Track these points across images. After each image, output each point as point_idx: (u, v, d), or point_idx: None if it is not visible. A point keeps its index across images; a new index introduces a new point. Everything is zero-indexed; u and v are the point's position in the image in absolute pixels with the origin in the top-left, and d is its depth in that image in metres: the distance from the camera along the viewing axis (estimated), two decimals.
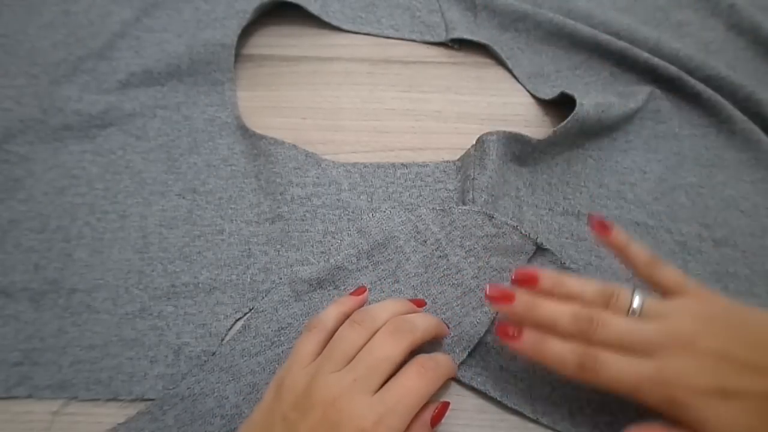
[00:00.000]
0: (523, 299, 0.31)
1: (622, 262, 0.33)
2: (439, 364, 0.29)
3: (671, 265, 0.32)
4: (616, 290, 0.30)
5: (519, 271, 0.32)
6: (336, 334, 0.30)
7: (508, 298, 0.31)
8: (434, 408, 0.29)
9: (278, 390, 0.29)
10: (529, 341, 0.30)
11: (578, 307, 0.30)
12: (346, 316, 0.32)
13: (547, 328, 0.30)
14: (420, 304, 0.35)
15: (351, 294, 0.34)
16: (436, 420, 0.29)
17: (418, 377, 0.28)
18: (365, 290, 0.35)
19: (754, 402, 0.27)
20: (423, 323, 0.31)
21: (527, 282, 0.32)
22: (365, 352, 0.29)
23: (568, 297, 0.31)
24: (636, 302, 0.30)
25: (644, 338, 0.29)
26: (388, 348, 0.28)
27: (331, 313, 0.32)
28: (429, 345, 0.32)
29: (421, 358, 0.29)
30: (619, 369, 0.28)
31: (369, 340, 0.29)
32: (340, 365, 0.28)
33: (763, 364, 0.27)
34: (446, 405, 0.30)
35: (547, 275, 0.32)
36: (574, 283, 0.31)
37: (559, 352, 0.30)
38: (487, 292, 0.32)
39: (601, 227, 0.33)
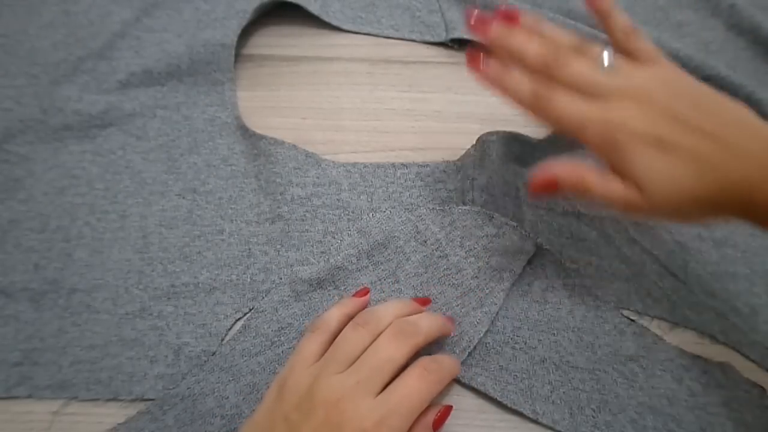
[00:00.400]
0: (498, 28, 0.32)
1: (604, 28, 0.33)
2: (442, 366, 0.29)
3: (649, 40, 0.32)
4: (590, 43, 0.32)
5: (503, 9, 0.33)
6: (339, 335, 0.30)
7: (485, 24, 0.32)
8: (437, 411, 0.29)
9: (280, 390, 0.28)
10: (493, 70, 0.32)
11: (549, 44, 0.31)
12: (349, 318, 0.32)
13: (515, 59, 0.31)
14: (425, 302, 0.35)
15: (354, 295, 0.34)
16: (438, 423, 0.29)
17: (421, 380, 0.28)
18: (368, 291, 0.35)
19: (684, 156, 0.28)
20: (427, 325, 0.31)
21: (509, 18, 0.32)
22: (368, 354, 0.29)
23: (543, 38, 0.32)
24: (605, 57, 0.31)
25: (601, 84, 0.30)
26: (392, 350, 0.28)
27: (334, 315, 0.32)
28: (430, 344, 0.32)
29: (425, 361, 0.29)
30: (570, 106, 0.30)
31: (372, 342, 0.29)
32: (343, 367, 0.28)
33: (704, 128, 0.28)
34: (449, 409, 0.30)
35: (528, 17, 0.33)
36: (552, 28, 0.32)
37: (519, 82, 0.31)
38: (465, 14, 0.32)
39: None
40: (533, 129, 0.44)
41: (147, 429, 0.32)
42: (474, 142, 0.41)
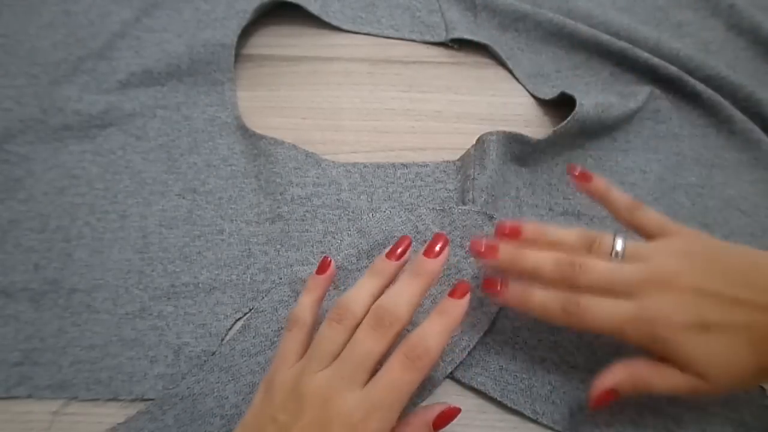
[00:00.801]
0: (506, 250, 0.32)
1: (605, 208, 0.34)
2: (428, 350, 0.27)
3: (652, 209, 0.32)
4: (598, 235, 0.31)
5: (502, 224, 0.33)
6: (318, 334, 0.29)
7: (492, 250, 0.32)
8: (440, 410, 0.28)
9: (267, 391, 0.28)
10: (514, 292, 0.31)
11: (561, 253, 0.31)
12: (320, 301, 0.32)
13: (531, 277, 0.31)
14: (397, 253, 0.31)
15: (316, 272, 0.32)
16: (439, 424, 0.28)
17: (403, 369, 0.27)
18: (330, 263, 0.33)
19: (733, 334, 0.27)
20: (406, 303, 0.28)
21: (511, 235, 0.32)
22: (349, 349, 0.28)
23: (550, 245, 0.32)
24: (618, 245, 0.30)
25: (625, 279, 0.29)
26: (370, 343, 0.27)
27: (305, 306, 0.31)
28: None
29: (406, 347, 0.27)
30: (602, 311, 0.29)
31: (352, 334, 0.28)
32: (326, 363, 0.28)
33: (742, 297, 0.28)
34: (454, 411, 0.29)
35: (529, 226, 0.33)
36: (556, 231, 0.32)
37: (543, 300, 0.30)
38: (470, 247, 0.32)
39: (582, 176, 0.34)
40: (533, 129, 0.44)
41: (147, 429, 0.32)
42: (474, 142, 0.41)
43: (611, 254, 0.30)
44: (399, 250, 0.31)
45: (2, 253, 0.37)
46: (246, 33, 0.47)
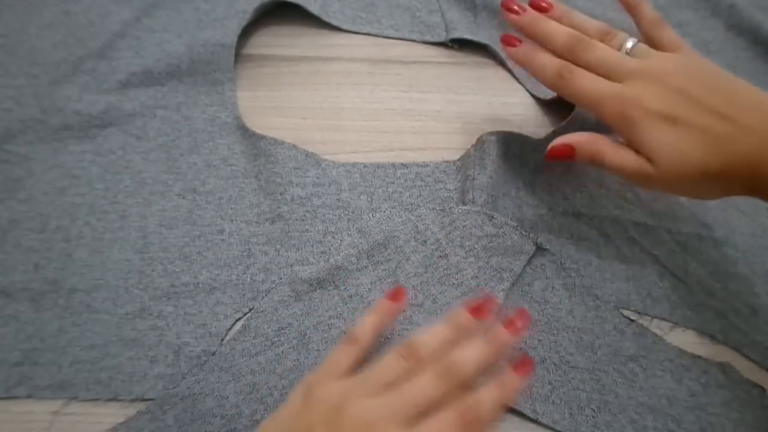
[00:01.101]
0: (531, 14, 0.36)
1: (632, 18, 0.37)
2: (480, 419, 0.27)
3: (672, 30, 0.35)
4: (615, 31, 0.35)
5: None
6: (380, 361, 0.29)
7: (520, 8, 0.36)
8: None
9: (307, 397, 0.28)
10: (523, 49, 0.36)
11: (576, 32, 0.35)
12: (384, 328, 0.32)
13: (544, 42, 0.35)
14: (479, 311, 0.30)
15: (388, 298, 0.32)
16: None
17: (453, 427, 0.26)
18: (403, 294, 0.32)
19: (692, 132, 0.30)
20: (474, 366, 0.28)
21: (541, 8, 0.37)
22: (407, 387, 0.27)
23: (571, 25, 0.36)
24: (629, 43, 0.34)
25: (622, 66, 0.33)
26: (431, 389, 0.27)
27: (368, 326, 0.31)
28: None
29: (463, 408, 0.27)
30: (590, 83, 0.33)
31: (410, 375, 0.28)
32: (376, 392, 0.27)
33: (717, 108, 0.30)
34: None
35: (559, 7, 0.37)
36: (580, 16, 0.37)
37: (544, 61, 0.35)
38: (502, 3, 0.36)
39: None
40: (533, 129, 0.44)
41: (147, 429, 0.32)
42: (474, 142, 0.41)
43: (620, 48, 0.34)
44: (485, 308, 0.30)
45: (2, 253, 0.37)
46: (246, 33, 0.47)
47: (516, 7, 0.37)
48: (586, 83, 0.33)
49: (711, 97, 0.31)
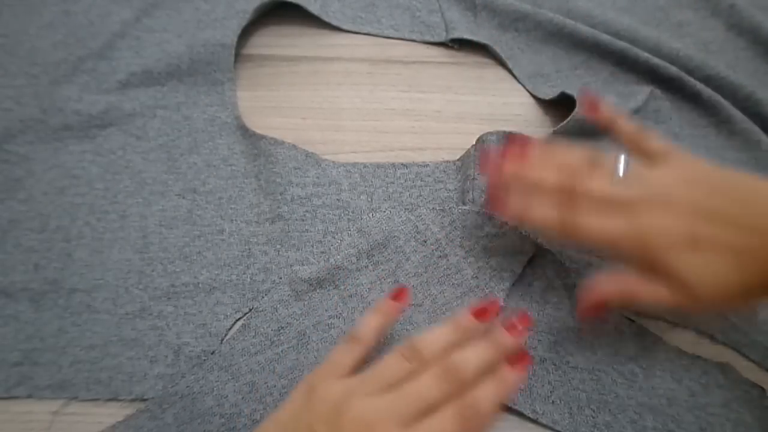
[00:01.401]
0: (512, 168, 0.33)
1: (612, 136, 0.34)
2: (481, 414, 0.27)
3: (658, 135, 0.33)
4: (601, 156, 0.32)
5: (510, 143, 0.34)
6: (382, 361, 0.29)
7: (499, 168, 0.33)
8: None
9: (309, 396, 0.28)
10: (515, 205, 0.33)
11: (563, 172, 0.32)
12: (387, 327, 0.32)
13: (534, 190, 0.32)
14: (483, 314, 0.30)
15: (391, 298, 0.32)
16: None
17: (453, 424, 0.26)
18: (406, 294, 0.32)
19: (723, 252, 0.28)
20: (475, 368, 0.28)
21: (521, 154, 0.33)
22: (409, 387, 0.27)
23: (554, 164, 0.32)
24: (621, 166, 0.31)
25: (623, 198, 0.30)
26: (434, 390, 0.27)
27: (371, 326, 0.31)
28: None
29: (465, 404, 0.27)
30: (597, 225, 0.30)
31: (412, 375, 0.28)
32: (379, 391, 0.27)
33: (736, 219, 0.28)
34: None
35: (537, 147, 0.34)
36: (562, 150, 0.33)
37: (542, 213, 0.32)
38: (480, 160, 0.34)
39: (591, 106, 0.35)
40: (533, 129, 0.44)
41: (146, 427, 0.32)
42: (474, 142, 0.41)
43: (613, 175, 0.31)
44: (487, 311, 0.30)
45: (2, 253, 0.37)
46: (246, 33, 0.47)
47: (493, 163, 0.34)
48: (593, 227, 0.30)
49: (725, 208, 0.29)
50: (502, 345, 0.29)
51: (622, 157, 0.31)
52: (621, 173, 0.31)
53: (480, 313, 0.30)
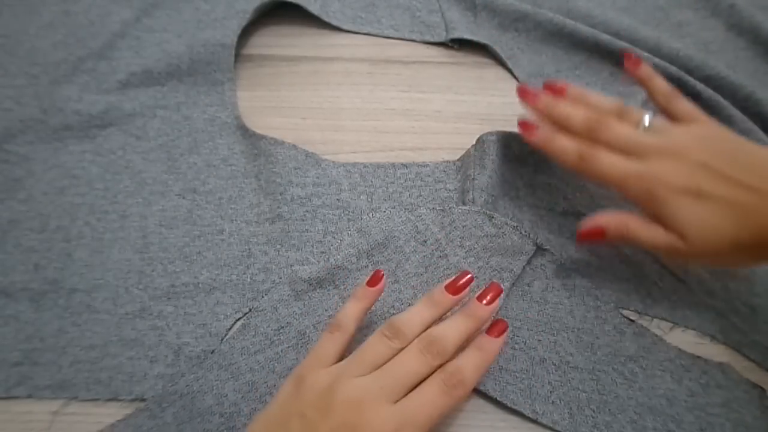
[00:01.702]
0: (546, 98, 0.36)
1: (646, 92, 0.37)
2: (463, 381, 0.28)
3: (686, 100, 0.35)
4: (631, 107, 0.35)
5: (549, 82, 0.38)
6: (366, 343, 0.30)
7: (535, 95, 0.37)
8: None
9: (298, 386, 0.28)
10: (542, 133, 0.36)
11: (594, 112, 0.35)
12: (366, 312, 0.33)
13: (562, 125, 0.35)
14: (456, 290, 0.31)
15: (367, 284, 0.33)
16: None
17: (441, 393, 0.28)
18: (382, 277, 0.33)
19: (721, 205, 0.30)
20: (455, 339, 0.29)
21: (556, 91, 0.37)
22: (393, 364, 0.28)
23: (587, 106, 0.36)
24: (646, 119, 0.34)
25: (641, 144, 0.33)
26: (416, 364, 0.28)
27: (350, 313, 0.32)
28: None
29: (445, 374, 0.28)
30: (611, 164, 0.33)
31: (395, 354, 0.29)
32: (366, 371, 0.28)
33: (741, 179, 0.30)
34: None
35: (573, 88, 0.37)
36: (595, 96, 0.36)
37: (565, 144, 0.34)
38: (518, 91, 0.37)
39: (633, 62, 0.38)
40: None
41: (145, 426, 0.32)
42: (474, 142, 0.41)
43: (638, 125, 0.34)
44: (459, 284, 0.32)
45: (2, 253, 0.37)
46: (246, 33, 0.47)
47: (531, 92, 0.37)
48: (607, 164, 0.33)
49: (733, 168, 0.31)
50: (477, 315, 0.31)
51: (650, 114, 0.34)
52: (646, 123, 0.34)
53: (453, 288, 0.31)
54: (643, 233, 0.32)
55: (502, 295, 0.32)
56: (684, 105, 0.35)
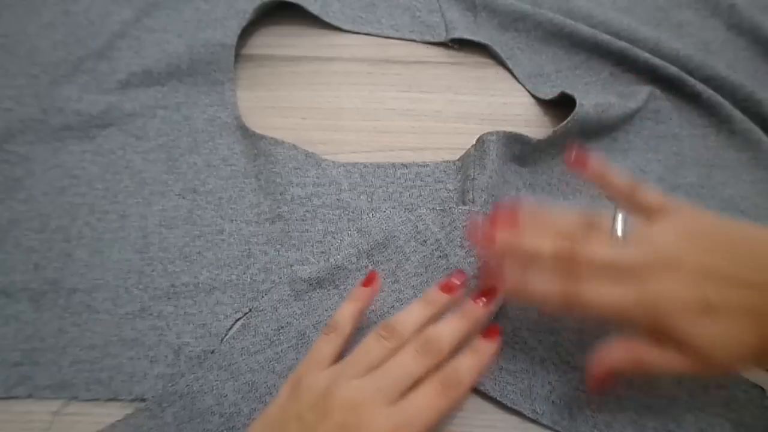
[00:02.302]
0: (504, 237, 0.30)
1: (603, 191, 0.33)
2: (461, 382, 0.28)
3: (652, 187, 0.31)
4: (597, 216, 0.30)
5: (498, 212, 0.32)
6: (362, 345, 0.30)
7: (490, 239, 0.31)
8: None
9: (295, 389, 0.28)
10: (512, 279, 0.30)
11: (560, 239, 0.29)
12: (362, 313, 0.33)
13: (531, 262, 0.29)
14: (449, 288, 0.31)
15: (363, 284, 0.33)
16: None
17: (438, 395, 0.28)
18: (375, 277, 0.34)
19: (737, 315, 0.26)
20: (450, 338, 0.29)
21: (508, 224, 0.31)
22: (390, 365, 0.28)
23: (550, 229, 0.30)
24: (619, 226, 0.29)
25: (628, 263, 0.28)
26: (413, 365, 0.28)
27: (346, 314, 0.32)
28: None
29: (445, 374, 0.28)
30: (604, 297, 0.28)
31: (392, 354, 0.29)
32: (362, 373, 0.28)
33: (748, 278, 0.27)
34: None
35: (526, 211, 0.31)
36: (555, 214, 0.31)
37: (543, 286, 0.29)
38: (468, 236, 0.33)
39: (579, 162, 0.33)
40: (533, 129, 0.44)
41: (145, 426, 0.32)
42: (474, 142, 0.41)
43: (613, 236, 0.29)
44: (453, 283, 0.31)
45: (2, 253, 0.37)
46: (246, 33, 0.47)
47: (481, 234, 0.32)
48: (597, 298, 0.28)
49: (736, 266, 0.27)
50: (472, 315, 0.30)
51: (620, 216, 0.29)
52: (620, 233, 0.29)
53: (447, 287, 0.31)
54: (658, 361, 0.28)
55: (499, 296, 0.31)
56: (650, 195, 0.31)
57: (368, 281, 0.33)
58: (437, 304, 0.31)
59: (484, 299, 0.31)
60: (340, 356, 0.31)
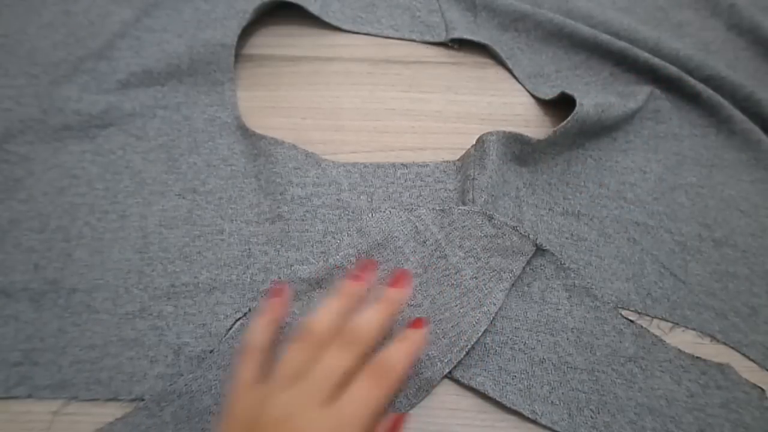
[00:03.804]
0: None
1: None
2: (393, 368, 0.28)
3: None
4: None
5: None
6: (285, 355, 0.29)
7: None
8: (388, 422, 0.28)
9: (227, 417, 0.28)
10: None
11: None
12: (275, 323, 0.32)
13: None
14: (359, 278, 0.31)
15: (270, 296, 0.33)
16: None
17: (371, 387, 0.27)
18: (284, 290, 0.33)
19: None
20: (370, 326, 0.29)
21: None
22: (317, 367, 0.27)
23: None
24: None
25: None
26: (334, 361, 0.27)
27: (257, 329, 0.31)
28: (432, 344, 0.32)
29: (373, 366, 0.28)
30: None
31: (315, 353, 0.28)
32: (290, 384, 0.27)
33: None
34: (401, 417, 0.29)
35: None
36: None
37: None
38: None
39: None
40: (533, 129, 0.44)
41: (144, 425, 0.32)
42: (474, 142, 0.41)
43: None
44: (363, 274, 0.32)
45: (2, 253, 0.37)
46: (246, 33, 0.47)
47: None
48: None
49: None
50: (391, 301, 0.30)
51: None
52: None
53: (356, 276, 0.31)
54: None
55: (411, 279, 0.31)
56: None
57: (275, 294, 0.33)
58: (349, 295, 0.31)
59: (397, 284, 0.31)
60: (263, 373, 0.29)
